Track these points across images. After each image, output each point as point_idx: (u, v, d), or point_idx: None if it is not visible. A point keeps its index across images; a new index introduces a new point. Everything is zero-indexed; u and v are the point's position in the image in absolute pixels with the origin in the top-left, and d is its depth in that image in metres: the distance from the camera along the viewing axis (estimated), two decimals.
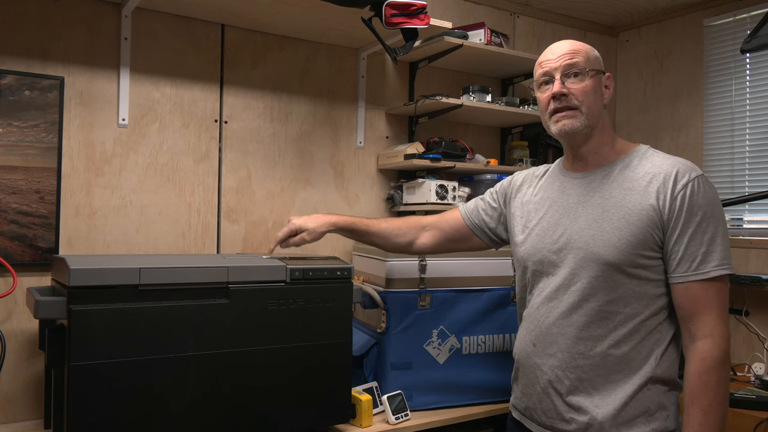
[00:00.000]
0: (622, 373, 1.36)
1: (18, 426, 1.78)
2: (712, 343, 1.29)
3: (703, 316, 1.30)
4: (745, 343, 2.68)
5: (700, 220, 1.31)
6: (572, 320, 1.40)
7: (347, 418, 1.78)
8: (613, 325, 1.36)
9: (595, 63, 1.44)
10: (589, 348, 1.38)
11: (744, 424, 1.96)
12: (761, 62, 2.72)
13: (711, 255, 1.30)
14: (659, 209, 1.33)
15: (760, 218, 2.72)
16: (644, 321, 1.35)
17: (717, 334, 1.30)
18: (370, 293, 1.99)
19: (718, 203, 1.35)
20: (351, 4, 1.87)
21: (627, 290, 1.35)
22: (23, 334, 1.83)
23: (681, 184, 1.33)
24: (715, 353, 1.29)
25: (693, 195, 1.32)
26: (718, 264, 1.30)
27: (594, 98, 1.42)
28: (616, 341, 1.36)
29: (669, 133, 3.05)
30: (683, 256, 1.32)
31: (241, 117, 2.22)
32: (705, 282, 1.30)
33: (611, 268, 1.35)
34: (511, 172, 2.55)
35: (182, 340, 1.51)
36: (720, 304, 1.31)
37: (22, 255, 1.81)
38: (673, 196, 1.32)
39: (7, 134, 1.80)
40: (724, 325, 1.31)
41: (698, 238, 1.31)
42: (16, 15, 1.84)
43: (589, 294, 1.38)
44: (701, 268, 1.30)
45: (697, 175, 1.34)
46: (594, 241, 1.37)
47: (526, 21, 2.99)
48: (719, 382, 1.29)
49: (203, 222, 2.14)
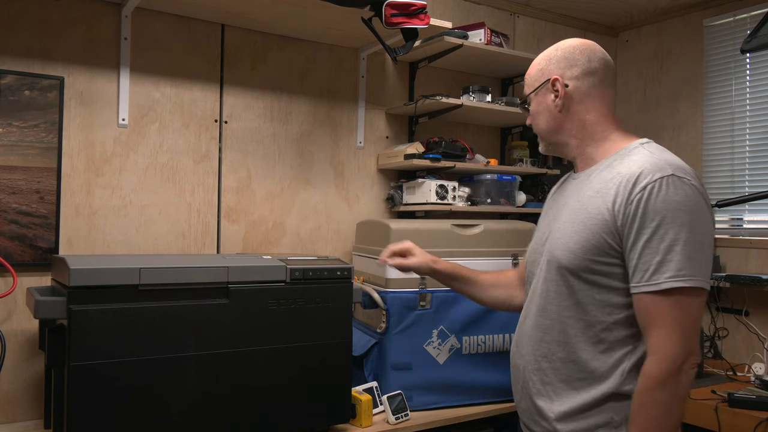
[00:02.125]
0: (584, 382, 1.31)
1: (18, 426, 1.78)
2: (653, 362, 1.20)
3: (652, 330, 1.20)
4: (745, 343, 2.68)
5: (657, 225, 1.19)
6: (538, 323, 1.40)
7: (347, 418, 1.78)
8: (573, 332, 1.32)
9: (536, 80, 1.42)
10: (552, 352, 1.36)
11: (744, 424, 1.96)
12: (761, 62, 2.72)
13: (666, 265, 1.18)
14: (614, 214, 1.25)
15: (760, 218, 2.72)
16: (608, 330, 1.28)
17: (661, 352, 1.19)
18: (370, 293, 1.99)
19: (691, 207, 1.20)
20: (351, 4, 1.87)
21: (585, 297, 1.30)
22: (23, 334, 1.83)
23: (640, 186, 1.22)
24: (654, 372, 1.19)
25: (651, 198, 1.20)
26: (673, 275, 1.17)
27: (540, 118, 1.42)
28: (575, 348, 1.32)
29: (669, 133, 3.05)
30: (637, 264, 1.22)
31: (241, 117, 2.22)
32: (656, 294, 1.19)
33: (567, 272, 1.32)
34: (511, 172, 2.56)
35: (182, 340, 1.51)
36: (673, 320, 1.18)
37: (22, 255, 1.81)
38: (629, 200, 1.22)
39: (7, 134, 1.80)
40: (674, 342, 1.18)
41: (654, 246, 1.19)
42: (16, 15, 1.84)
43: (550, 298, 1.37)
44: (654, 278, 1.19)
45: (663, 176, 1.21)
46: (557, 245, 1.36)
47: (526, 21, 2.99)
48: (655, 404, 1.19)
49: (203, 222, 2.14)
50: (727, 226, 2.83)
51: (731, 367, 2.52)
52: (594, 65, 1.38)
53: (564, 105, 1.39)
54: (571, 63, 1.39)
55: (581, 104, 1.38)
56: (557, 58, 1.40)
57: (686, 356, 1.18)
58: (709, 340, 2.71)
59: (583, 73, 1.38)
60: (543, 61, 1.42)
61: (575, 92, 1.38)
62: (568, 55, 1.39)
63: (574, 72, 1.38)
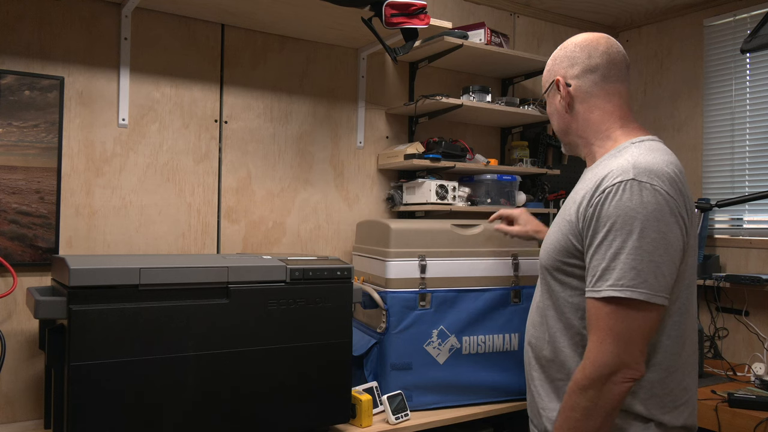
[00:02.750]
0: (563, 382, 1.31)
1: (18, 426, 1.78)
2: (581, 366, 1.20)
3: (590, 335, 1.20)
4: (745, 343, 2.68)
5: (607, 231, 1.17)
6: (533, 320, 1.43)
7: (347, 418, 1.78)
8: (553, 332, 1.33)
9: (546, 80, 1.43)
10: (539, 349, 1.38)
11: (744, 424, 1.96)
12: (761, 62, 2.72)
13: (609, 272, 1.16)
14: (578, 217, 1.25)
15: (760, 218, 2.72)
16: (581, 335, 1.28)
17: (589, 358, 1.18)
18: (370, 293, 1.99)
19: (639, 214, 1.15)
20: (351, 4, 1.87)
21: (560, 298, 1.31)
22: (23, 334, 1.83)
23: (599, 190, 1.20)
24: (578, 376, 1.19)
25: (605, 203, 1.18)
26: (612, 284, 1.15)
27: (553, 119, 1.44)
28: (557, 348, 1.32)
29: (669, 132, 3.05)
30: (588, 268, 1.21)
31: (241, 117, 2.22)
32: (597, 301, 1.18)
33: (546, 271, 1.35)
34: (511, 172, 2.56)
35: (182, 340, 1.51)
36: (607, 328, 1.16)
37: (22, 255, 1.81)
38: (590, 203, 1.22)
39: (7, 134, 1.80)
40: (604, 350, 1.15)
41: (602, 252, 1.18)
42: (16, 15, 1.84)
43: (541, 297, 1.39)
44: (597, 284, 1.18)
45: (625, 179, 1.17)
46: (543, 244, 1.39)
47: (526, 21, 2.99)
48: (574, 408, 1.19)
49: (203, 222, 2.14)
50: (727, 226, 2.83)
51: (731, 367, 2.51)
52: (594, 61, 1.33)
53: (569, 105, 1.37)
54: (572, 62, 1.36)
55: (584, 103, 1.35)
56: (560, 57, 1.39)
57: (617, 367, 1.15)
58: (709, 340, 2.71)
59: (583, 71, 1.34)
60: (550, 61, 1.42)
61: (577, 92, 1.35)
62: (569, 54, 1.37)
63: (574, 71, 1.35)
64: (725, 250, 2.77)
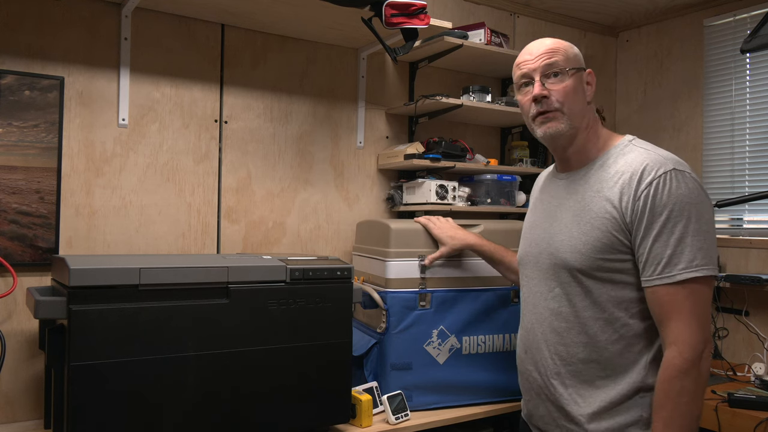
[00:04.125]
0: (608, 379, 1.32)
1: (18, 426, 1.78)
2: (676, 351, 1.22)
3: (670, 322, 1.23)
4: (745, 343, 2.68)
5: (666, 219, 1.23)
6: (553, 327, 1.40)
7: (347, 418, 1.78)
8: (593, 331, 1.33)
9: (575, 61, 1.38)
10: (571, 354, 1.36)
11: (744, 424, 1.96)
12: (761, 62, 2.72)
13: (678, 257, 1.22)
14: (622, 212, 1.27)
15: (760, 218, 2.72)
16: (627, 325, 1.30)
17: (682, 341, 1.22)
18: (370, 293, 1.99)
19: (694, 199, 1.24)
20: (351, 4, 1.87)
21: (602, 295, 1.31)
22: (23, 334, 1.83)
23: (645, 182, 1.25)
24: (677, 362, 1.22)
25: (657, 193, 1.23)
26: (686, 267, 1.21)
27: (575, 98, 1.36)
28: (597, 347, 1.33)
29: (669, 133, 3.05)
30: (648, 259, 1.25)
31: (241, 117, 2.22)
32: (671, 286, 1.22)
33: (579, 273, 1.33)
34: (511, 172, 2.56)
35: (182, 340, 1.51)
36: (690, 309, 1.22)
37: (22, 255, 1.81)
38: (636, 196, 1.25)
39: (7, 134, 1.80)
40: (693, 331, 1.21)
41: (663, 240, 1.23)
42: (16, 15, 1.84)
43: (565, 300, 1.37)
44: (666, 271, 1.22)
45: (667, 170, 1.25)
46: (563, 247, 1.36)
47: (526, 21, 2.99)
48: (681, 393, 1.21)
49: (203, 222, 2.14)
50: (727, 226, 2.83)
51: (731, 367, 2.51)
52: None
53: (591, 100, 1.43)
54: None
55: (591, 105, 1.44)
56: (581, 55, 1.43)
57: (705, 343, 1.22)
58: None
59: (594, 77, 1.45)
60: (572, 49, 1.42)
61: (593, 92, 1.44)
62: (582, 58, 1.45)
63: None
64: (725, 250, 2.77)
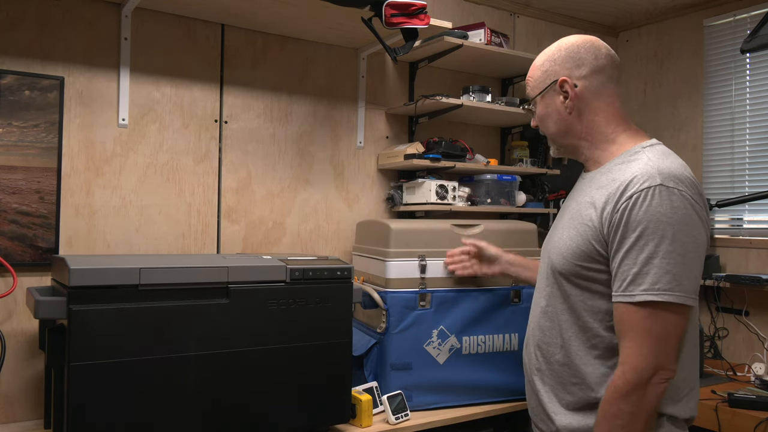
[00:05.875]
0: (577, 387, 1.31)
1: (18, 426, 1.78)
2: (620, 372, 1.19)
3: (623, 341, 1.20)
4: (745, 343, 2.68)
5: (638, 236, 1.18)
6: (540, 323, 1.41)
7: (347, 418, 1.78)
8: (568, 335, 1.32)
9: (541, 82, 1.37)
10: (550, 354, 1.37)
11: (744, 424, 1.96)
12: (761, 62, 2.72)
13: (643, 277, 1.17)
14: (601, 222, 1.24)
15: (760, 218, 2.72)
16: (599, 337, 1.28)
17: (628, 363, 1.18)
18: (370, 293, 1.99)
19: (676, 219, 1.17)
20: (351, 4, 1.87)
21: (577, 302, 1.30)
22: (23, 334, 1.83)
23: (627, 195, 1.20)
24: (619, 383, 1.19)
25: (634, 208, 1.18)
26: (647, 288, 1.16)
27: (549, 120, 1.39)
28: (569, 353, 1.32)
29: (669, 132, 3.05)
30: (616, 273, 1.21)
31: (241, 117, 2.22)
32: (630, 305, 1.18)
33: (561, 276, 1.33)
34: (511, 172, 2.56)
35: (182, 340, 1.51)
36: (645, 332, 1.16)
37: (22, 255, 1.81)
38: (615, 208, 1.21)
39: (7, 134, 1.80)
40: (643, 355, 1.17)
41: (632, 257, 1.18)
42: (16, 15, 1.84)
43: (551, 300, 1.37)
44: (629, 289, 1.18)
45: (652, 185, 1.18)
46: (554, 249, 1.36)
47: (526, 21, 2.99)
48: (617, 415, 1.18)
49: (203, 222, 2.14)
50: (727, 226, 2.83)
51: (731, 367, 2.51)
52: (601, 62, 1.33)
53: (575, 107, 1.35)
54: (578, 62, 1.34)
55: (590, 105, 1.34)
56: (562, 58, 1.35)
57: (655, 370, 1.17)
58: (709, 340, 2.71)
59: (591, 71, 1.33)
60: (547, 62, 1.37)
61: (585, 92, 1.34)
62: (573, 55, 1.34)
63: (582, 71, 1.33)
64: (725, 250, 2.77)
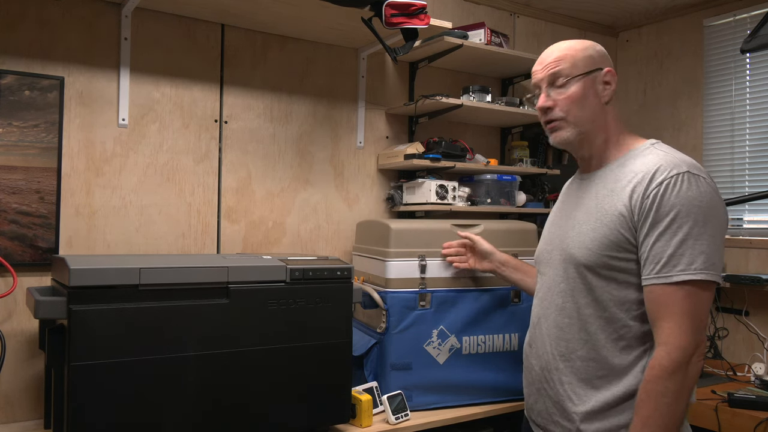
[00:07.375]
0: (605, 380, 1.32)
1: (18, 426, 1.78)
2: (663, 352, 1.22)
3: (663, 322, 1.23)
4: (745, 343, 2.68)
5: (672, 219, 1.22)
6: (557, 322, 1.41)
7: (347, 418, 1.78)
8: (593, 329, 1.33)
9: (584, 65, 1.38)
10: (571, 350, 1.37)
11: (744, 424, 1.96)
12: (761, 62, 2.72)
13: (678, 258, 1.21)
14: (631, 209, 1.27)
15: (760, 218, 2.72)
16: (627, 327, 1.30)
17: (671, 342, 1.21)
18: (370, 293, 1.99)
19: (704, 203, 1.23)
20: (351, 4, 1.87)
21: (604, 293, 1.31)
22: (23, 334, 1.83)
23: (656, 182, 1.25)
24: (664, 362, 1.21)
25: (666, 193, 1.23)
26: (684, 269, 1.20)
27: (582, 104, 1.37)
28: (596, 346, 1.33)
29: (669, 132, 3.05)
30: (648, 257, 1.24)
31: (241, 117, 2.22)
32: (668, 286, 1.22)
33: (585, 269, 1.33)
34: (511, 172, 2.56)
35: (182, 340, 1.51)
36: (683, 311, 1.21)
37: (22, 255, 1.81)
38: (646, 194, 1.25)
39: (7, 134, 1.80)
40: (684, 333, 1.21)
41: (665, 239, 1.22)
42: (16, 15, 1.84)
43: (569, 296, 1.38)
44: (664, 271, 1.22)
45: (680, 172, 1.24)
46: (572, 243, 1.37)
47: (526, 21, 2.99)
48: (663, 393, 1.21)
49: (203, 222, 2.14)
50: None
51: (731, 367, 2.51)
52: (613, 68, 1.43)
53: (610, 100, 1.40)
54: (610, 62, 1.42)
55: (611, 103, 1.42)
56: (599, 52, 1.41)
57: (695, 347, 1.21)
58: (709, 340, 2.71)
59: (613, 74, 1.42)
60: (589, 48, 1.40)
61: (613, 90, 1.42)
62: (603, 54, 1.42)
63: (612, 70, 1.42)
64: (725, 250, 2.77)
